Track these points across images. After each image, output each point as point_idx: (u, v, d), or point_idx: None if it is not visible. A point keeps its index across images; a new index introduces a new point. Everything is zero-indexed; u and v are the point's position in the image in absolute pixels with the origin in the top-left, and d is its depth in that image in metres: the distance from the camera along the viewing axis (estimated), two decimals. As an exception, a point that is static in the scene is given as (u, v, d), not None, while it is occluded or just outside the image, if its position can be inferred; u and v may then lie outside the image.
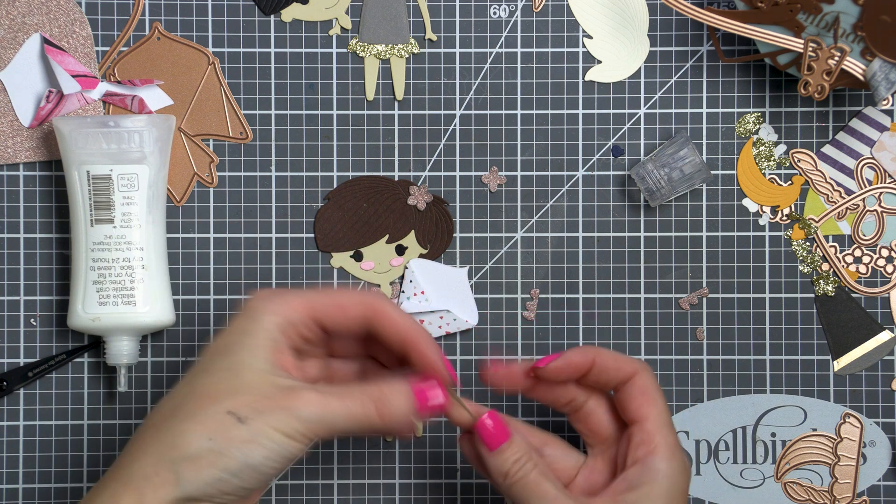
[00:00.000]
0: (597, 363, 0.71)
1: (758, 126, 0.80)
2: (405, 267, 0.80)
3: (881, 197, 0.80)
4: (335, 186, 0.80)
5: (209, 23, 0.79)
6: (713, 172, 0.80)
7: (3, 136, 0.79)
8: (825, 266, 0.80)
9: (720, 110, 0.80)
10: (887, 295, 0.80)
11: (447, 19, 0.80)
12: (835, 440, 0.80)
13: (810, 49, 0.74)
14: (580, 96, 0.80)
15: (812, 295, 0.80)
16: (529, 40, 0.80)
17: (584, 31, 0.80)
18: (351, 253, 0.80)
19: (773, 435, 0.80)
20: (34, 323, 0.79)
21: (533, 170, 0.80)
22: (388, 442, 0.80)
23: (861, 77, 0.74)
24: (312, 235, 0.80)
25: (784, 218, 0.80)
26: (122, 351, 0.76)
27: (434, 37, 0.80)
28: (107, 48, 0.79)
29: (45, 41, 0.78)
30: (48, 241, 0.79)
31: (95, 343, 0.79)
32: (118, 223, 0.75)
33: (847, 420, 0.80)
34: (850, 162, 0.80)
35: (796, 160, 0.80)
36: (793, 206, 0.80)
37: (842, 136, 0.80)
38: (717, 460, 0.80)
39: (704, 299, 0.80)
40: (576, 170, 0.80)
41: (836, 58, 0.74)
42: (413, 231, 0.80)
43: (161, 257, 0.76)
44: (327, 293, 0.68)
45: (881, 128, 0.80)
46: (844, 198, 0.80)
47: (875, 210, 0.80)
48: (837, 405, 0.80)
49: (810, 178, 0.80)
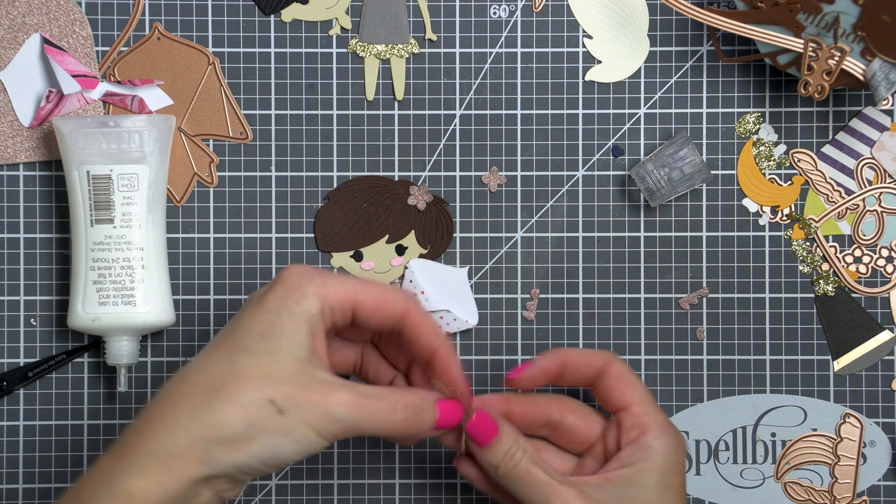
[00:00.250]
0: (567, 363, 0.73)
1: (758, 126, 0.80)
2: (405, 267, 0.80)
3: (881, 197, 0.80)
4: (335, 186, 0.80)
5: (209, 23, 0.79)
6: (713, 172, 0.80)
7: (3, 136, 0.79)
8: (825, 266, 0.80)
9: (720, 110, 0.80)
10: (887, 295, 0.80)
11: (447, 19, 0.80)
12: (835, 440, 0.80)
13: (810, 49, 0.74)
14: (580, 96, 0.80)
15: (812, 295, 0.80)
16: (529, 40, 0.80)
17: (584, 31, 0.80)
18: (351, 253, 0.80)
19: (773, 435, 0.80)
20: (34, 323, 0.79)
21: (533, 170, 0.80)
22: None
23: (861, 77, 0.74)
24: (312, 235, 0.80)
25: (784, 218, 0.80)
26: (122, 351, 0.76)
27: (434, 37, 0.80)
28: (107, 48, 0.79)
29: (45, 41, 0.78)
30: (48, 241, 0.79)
31: (95, 343, 0.79)
32: (118, 223, 0.75)
33: (847, 420, 0.80)
34: (850, 162, 0.80)
35: (796, 160, 0.80)
36: (793, 206, 0.80)
37: (842, 136, 0.80)
38: (717, 460, 0.80)
39: (704, 299, 0.80)
40: (576, 170, 0.80)
41: (836, 58, 0.74)
42: (413, 231, 0.80)
43: (161, 257, 0.76)
44: (368, 285, 0.67)
45: (881, 128, 0.80)
46: (844, 198, 0.80)
47: (875, 210, 0.80)
48: (837, 405, 0.80)
49: (810, 178, 0.80)
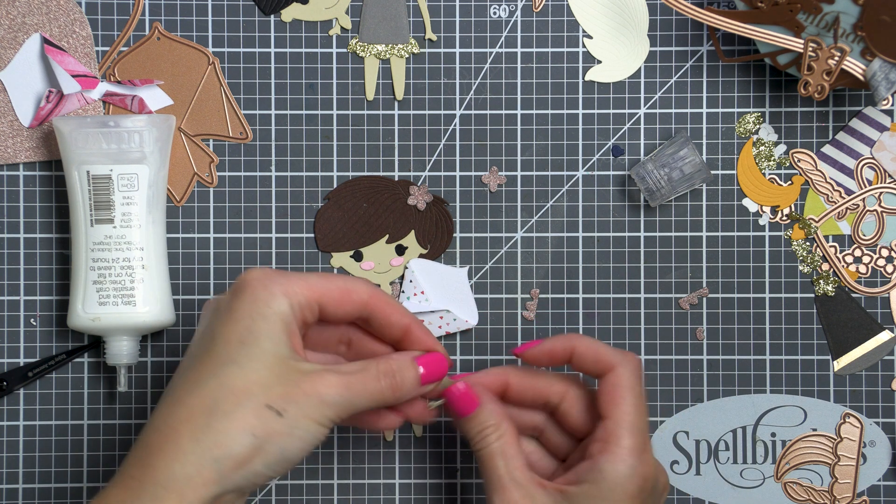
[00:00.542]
0: (576, 352, 0.72)
1: (758, 126, 0.80)
2: (405, 267, 0.80)
3: (881, 197, 0.80)
4: (335, 186, 0.80)
5: (209, 23, 0.79)
6: (713, 172, 0.80)
7: (3, 136, 0.79)
8: (825, 266, 0.80)
9: (720, 110, 0.80)
10: (887, 295, 0.80)
11: (447, 19, 0.80)
12: (835, 440, 0.80)
13: (810, 49, 0.74)
14: (580, 96, 0.80)
15: (812, 295, 0.80)
16: (529, 40, 0.80)
17: (584, 31, 0.80)
18: (351, 253, 0.80)
19: (773, 435, 0.80)
20: (34, 323, 0.79)
21: (533, 170, 0.80)
22: (388, 442, 0.80)
23: (861, 77, 0.74)
24: (312, 235, 0.80)
25: (784, 218, 0.80)
26: (122, 351, 0.76)
27: (434, 37, 0.80)
28: (107, 48, 0.79)
29: (45, 41, 0.78)
30: (48, 241, 0.79)
31: (95, 343, 0.79)
32: (118, 223, 0.75)
33: (847, 420, 0.80)
34: (850, 162, 0.80)
35: (796, 160, 0.80)
36: (793, 206, 0.80)
37: (842, 136, 0.80)
38: (717, 460, 0.80)
39: (704, 299, 0.80)
40: (576, 170, 0.80)
41: (836, 58, 0.74)
42: (413, 231, 0.80)
43: (161, 257, 0.76)
44: (331, 279, 0.68)
45: (881, 128, 0.80)
46: (844, 198, 0.80)
47: (875, 210, 0.80)
48: (837, 405, 0.80)
49: (810, 178, 0.80)
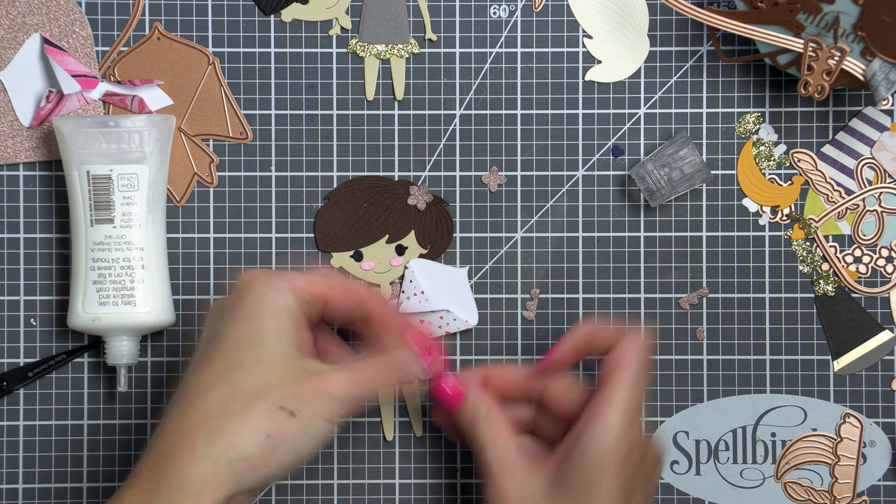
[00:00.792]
0: (589, 341, 0.74)
1: (758, 126, 0.80)
2: (405, 267, 0.80)
3: (881, 197, 0.80)
4: (335, 186, 0.80)
5: (209, 23, 0.79)
6: (713, 172, 0.80)
7: (3, 136, 0.79)
8: (825, 266, 0.80)
9: (720, 110, 0.80)
10: (887, 295, 0.80)
11: (447, 19, 0.80)
12: (835, 440, 0.80)
13: (810, 49, 0.74)
14: (580, 96, 0.80)
15: (812, 295, 0.80)
16: (529, 40, 0.80)
17: (584, 31, 0.80)
18: (351, 253, 0.80)
19: (773, 435, 0.80)
20: (34, 323, 0.79)
21: (533, 170, 0.80)
22: (388, 442, 0.80)
23: (861, 77, 0.74)
24: (312, 235, 0.80)
25: (784, 218, 0.80)
26: (122, 351, 0.76)
27: (434, 37, 0.80)
28: (107, 48, 0.79)
29: (45, 41, 0.78)
30: (48, 241, 0.79)
31: (95, 343, 0.79)
32: (118, 223, 0.75)
33: (847, 420, 0.80)
34: (850, 162, 0.80)
35: (796, 160, 0.80)
36: (793, 206, 0.80)
37: (842, 136, 0.80)
38: (717, 460, 0.80)
39: (704, 299, 0.80)
40: (576, 170, 0.80)
41: (836, 58, 0.74)
42: (413, 231, 0.80)
43: (161, 257, 0.76)
44: (332, 275, 0.69)
45: (881, 128, 0.80)
46: (844, 198, 0.80)
47: (875, 210, 0.80)
48: (837, 405, 0.80)
49: (810, 178, 0.80)
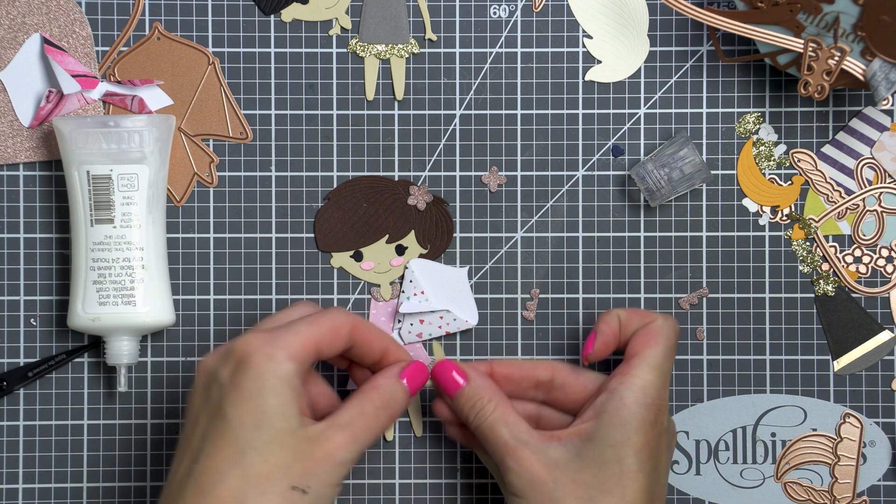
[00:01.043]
0: (623, 323, 0.75)
1: (758, 126, 0.80)
2: (405, 267, 0.80)
3: (881, 197, 0.80)
4: (335, 186, 0.80)
5: (209, 23, 0.79)
6: (713, 172, 0.80)
7: (3, 136, 0.79)
8: (825, 266, 0.80)
9: (720, 110, 0.80)
10: (887, 295, 0.80)
11: (447, 19, 0.80)
12: (835, 440, 0.80)
13: (810, 49, 0.74)
14: (580, 96, 0.80)
15: (812, 295, 0.80)
16: (529, 40, 0.80)
17: (584, 31, 0.80)
18: (351, 253, 0.80)
19: (773, 435, 0.80)
20: (34, 323, 0.79)
21: (533, 170, 0.80)
22: (388, 442, 0.80)
23: (861, 77, 0.74)
24: (312, 235, 0.80)
25: (784, 218, 0.80)
26: (122, 351, 0.76)
27: (434, 37, 0.80)
28: (107, 48, 0.79)
29: (45, 41, 0.78)
30: (48, 241, 0.79)
31: (95, 343, 0.79)
32: (118, 223, 0.75)
33: (847, 420, 0.80)
34: (850, 162, 0.80)
35: (796, 160, 0.80)
36: (793, 206, 0.80)
37: (842, 136, 0.80)
38: (717, 460, 0.80)
39: (704, 299, 0.80)
40: (576, 170, 0.80)
41: (836, 58, 0.74)
42: (413, 231, 0.80)
43: (161, 257, 0.76)
44: (316, 320, 0.70)
45: (881, 128, 0.80)
46: (844, 198, 0.80)
47: (875, 210, 0.80)
48: (837, 405, 0.80)
49: (810, 178, 0.80)
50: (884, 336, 0.80)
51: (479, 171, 0.80)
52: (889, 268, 0.80)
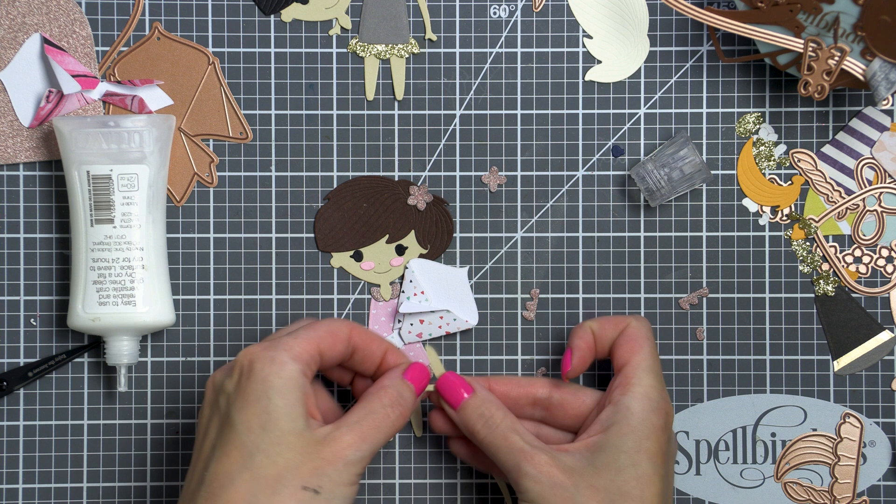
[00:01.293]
0: (597, 336, 0.75)
1: (758, 126, 0.80)
2: (405, 267, 0.80)
3: (881, 197, 0.80)
4: (335, 186, 0.80)
5: (209, 23, 0.79)
6: (713, 172, 0.80)
7: (3, 136, 0.79)
8: (825, 266, 0.80)
9: (720, 110, 0.80)
10: (887, 295, 0.80)
11: (447, 19, 0.80)
12: (835, 440, 0.80)
13: (810, 49, 0.74)
14: (580, 96, 0.80)
15: (812, 295, 0.80)
16: (529, 40, 0.80)
17: (584, 31, 0.80)
18: (351, 253, 0.80)
19: (773, 435, 0.80)
20: (34, 323, 0.79)
21: (533, 170, 0.80)
22: (388, 442, 0.80)
23: (861, 77, 0.74)
24: (312, 235, 0.80)
25: (784, 218, 0.80)
26: (122, 351, 0.76)
27: (434, 37, 0.80)
28: (107, 48, 0.79)
29: (45, 41, 0.78)
30: (48, 241, 0.79)
31: (95, 343, 0.79)
32: (118, 223, 0.75)
33: (847, 420, 0.80)
34: (850, 162, 0.80)
35: (796, 160, 0.80)
36: (793, 206, 0.80)
37: (842, 136, 0.80)
38: (717, 460, 0.80)
39: (704, 299, 0.80)
40: (576, 170, 0.80)
41: (836, 58, 0.74)
42: (413, 231, 0.80)
43: (161, 257, 0.76)
44: (316, 326, 0.71)
45: (881, 128, 0.80)
46: (844, 198, 0.80)
47: (875, 210, 0.80)
48: (837, 405, 0.80)
49: (810, 178, 0.80)
50: (884, 336, 0.80)
51: (479, 171, 0.80)
52: (889, 268, 0.80)
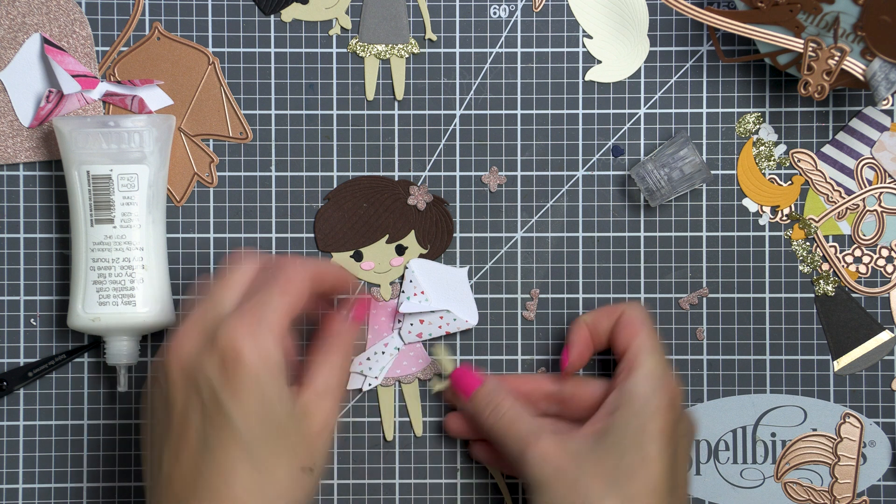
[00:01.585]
0: (593, 330, 0.76)
1: (758, 126, 0.80)
2: (405, 267, 0.80)
3: (881, 197, 0.80)
4: (335, 186, 0.80)
5: (209, 23, 0.79)
6: (713, 172, 0.80)
7: (3, 136, 0.79)
8: (825, 266, 0.80)
9: (720, 110, 0.80)
10: (887, 295, 0.80)
11: (447, 19, 0.80)
12: (835, 440, 0.80)
13: (810, 49, 0.74)
14: (580, 96, 0.80)
15: (812, 295, 0.80)
16: (529, 40, 0.80)
17: (584, 31, 0.80)
18: (351, 253, 0.80)
19: (773, 435, 0.80)
20: (34, 323, 0.79)
21: (533, 170, 0.80)
22: (388, 442, 0.80)
23: (861, 77, 0.74)
24: (312, 235, 0.80)
25: (784, 218, 0.80)
26: (122, 351, 0.76)
27: (434, 37, 0.80)
28: (107, 48, 0.79)
29: (45, 41, 0.78)
30: (48, 241, 0.79)
31: (95, 343, 0.79)
32: (118, 223, 0.75)
33: (847, 420, 0.80)
34: (850, 162, 0.80)
35: (796, 160, 0.80)
36: (793, 206, 0.80)
37: (842, 136, 0.80)
38: (717, 460, 0.80)
39: (704, 299, 0.80)
40: (576, 170, 0.80)
41: (836, 58, 0.74)
42: (413, 231, 0.80)
43: (161, 257, 0.76)
44: (285, 289, 0.69)
45: (881, 128, 0.80)
46: (844, 198, 0.80)
47: (875, 210, 0.80)
48: (837, 405, 0.80)
49: (810, 178, 0.80)
50: (884, 336, 0.80)
51: (479, 171, 0.80)
52: (889, 268, 0.80)
